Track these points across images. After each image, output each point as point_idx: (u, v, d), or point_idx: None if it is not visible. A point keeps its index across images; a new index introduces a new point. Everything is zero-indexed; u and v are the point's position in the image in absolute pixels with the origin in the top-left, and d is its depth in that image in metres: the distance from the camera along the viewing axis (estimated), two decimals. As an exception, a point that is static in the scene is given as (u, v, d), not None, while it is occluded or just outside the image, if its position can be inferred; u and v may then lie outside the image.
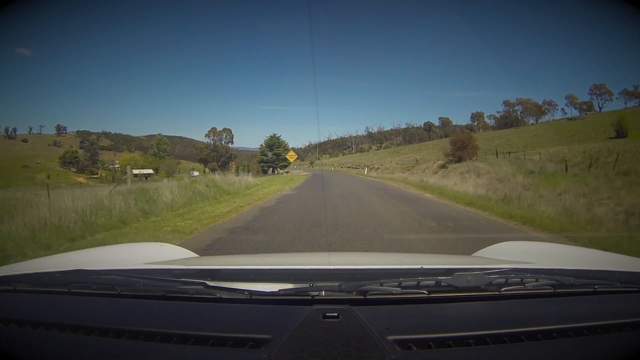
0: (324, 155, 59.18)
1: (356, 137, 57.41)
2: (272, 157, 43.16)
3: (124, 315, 1.09)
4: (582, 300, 1.18)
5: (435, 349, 0.92)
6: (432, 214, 8.50)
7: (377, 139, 56.81)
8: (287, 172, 39.72)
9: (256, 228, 7.00)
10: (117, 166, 45.79)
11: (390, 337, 0.92)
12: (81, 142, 51.15)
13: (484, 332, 0.97)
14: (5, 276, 1.29)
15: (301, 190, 15.54)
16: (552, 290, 1.16)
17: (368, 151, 53.53)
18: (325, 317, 1.00)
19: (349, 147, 57.20)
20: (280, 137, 44.33)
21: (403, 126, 56.42)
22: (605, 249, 2.75)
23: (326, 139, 60.76)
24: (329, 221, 7.27)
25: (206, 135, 51.88)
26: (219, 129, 50.87)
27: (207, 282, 1.12)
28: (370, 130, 58.12)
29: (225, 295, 1.11)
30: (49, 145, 46.55)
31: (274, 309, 1.07)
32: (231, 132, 52.34)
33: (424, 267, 1.30)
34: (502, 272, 1.19)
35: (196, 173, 45.78)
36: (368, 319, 0.98)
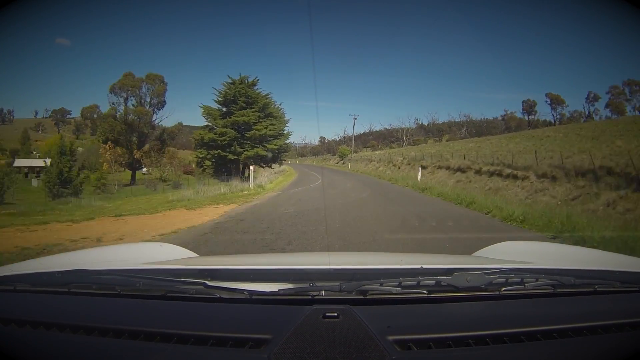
0: (364, 149, 47.18)
1: (407, 129, 46.67)
2: (232, 134, 20.85)
3: (124, 315, 1.09)
4: (582, 300, 1.18)
5: (435, 349, 0.92)
6: None
7: (431, 131, 47.57)
8: (259, 187, 16.43)
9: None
10: (37, 153, 34.02)
11: (390, 337, 0.92)
12: (56, 123, 43.56)
13: (484, 332, 0.97)
14: (5, 276, 1.29)
15: None
16: (552, 290, 1.16)
17: (423, 143, 41.40)
18: (325, 317, 1.00)
19: (398, 140, 46.57)
20: (258, 84, 22.50)
21: (453, 118, 46.27)
22: None
23: (367, 130, 50.80)
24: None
25: (111, 90, 26.91)
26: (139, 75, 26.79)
27: (207, 282, 1.12)
28: (422, 122, 47.77)
29: (225, 295, 1.11)
30: (30, 128, 42.72)
31: (274, 309, 1.08)
32: (163, 81, 27.37)
33: (424, 267, 1.30)
34: (502, 272, 1.19)
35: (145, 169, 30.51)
36: (368, 319, 0.98)
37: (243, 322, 1.03)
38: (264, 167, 24.07)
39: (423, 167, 21.21)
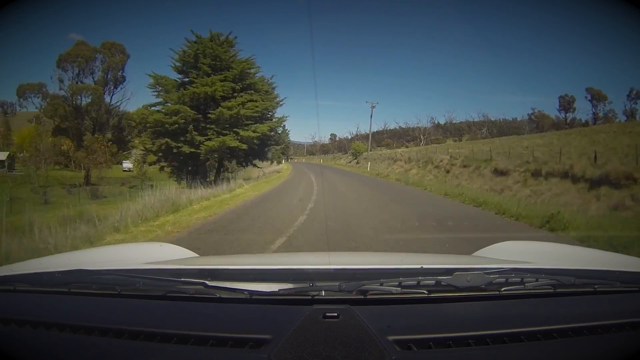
0: (378, 148, 43.89)
1: (424, 128, 45.49)
2: (189, 114, 13.81)
3: (124, 315, 1.09)
4: (582, 300, 1.18)
5: (435, 349, 0.92)
6: None
7: (449, 131, 46.20)
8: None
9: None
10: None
11: (390, 337, 0.92)
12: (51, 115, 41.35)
13: (484, 332, 0.97)
14: (5, 276, 1.29)
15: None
16: (552, 290, 1.16)
17: (443, 143, 37.22)
18: (325, 317, 1.00)
19: (415, 139, 44.75)
20: (235, 43, 15.05)
21: (472, 117, 43.85)
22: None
23: (381, 128, 49.67)
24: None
25: (58, 64, 21.94)
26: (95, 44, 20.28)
27: (207, 281, 1.12)
28: (438, 121, 46.64)
29: (225, 295, 1.11)
30: (29, 120, 42.01)
31: (274, 309, 1.08)
32: (124, 51, 21.45)
33: (424, 266, 1.30)
34: (502, 272, 1.19)
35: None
36: (368, 319, 0.98)
37: (243, 322, 1.03)
38: (244, 167, 17.08)
39: (501, 173, 11.14)
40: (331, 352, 0.86)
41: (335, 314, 1.00)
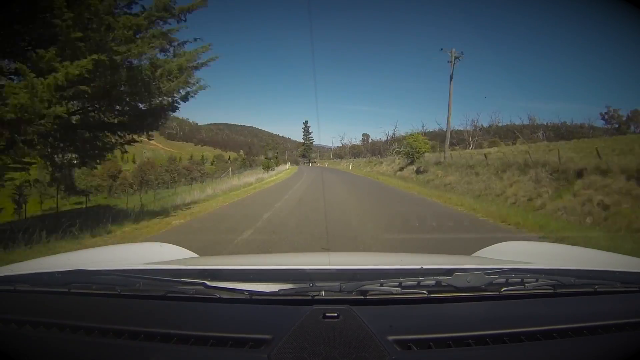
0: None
1: (472, 130, 43.33)
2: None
3: (124, 315, 1.09)
4: (582, 300, 1.18)
5: (435, 349, 0.92)
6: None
7: (498, 134, 44.00)
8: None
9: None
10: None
11: (391, 337, 0.92)
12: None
13: (484, 332, 0.97)
14: (5, 276, 1.29)
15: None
16: (552, 291, 1.16)
17: (497, 147, 31.25)
18: (325, 317, 1.00)
19: (463, 142, 42.45)
20: None
21: (522, 120, 40.53)
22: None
23: (420, 130, 43.12)
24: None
25: None
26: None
27: (207, 282, 1.12)
28: (482, 124, 44.27)
29: (225, 295, 1.11)
30: None
31: (274, 309, 1.08)
32: None
33: (424, 267, 1.30)
34: (502, 272, 1.19)
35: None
36: (368, 319, 0.98)
37: (243, 322, 1.03)
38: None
39: None
40: (331, 352, 0.86)
41: (335, 314, 1.00)
